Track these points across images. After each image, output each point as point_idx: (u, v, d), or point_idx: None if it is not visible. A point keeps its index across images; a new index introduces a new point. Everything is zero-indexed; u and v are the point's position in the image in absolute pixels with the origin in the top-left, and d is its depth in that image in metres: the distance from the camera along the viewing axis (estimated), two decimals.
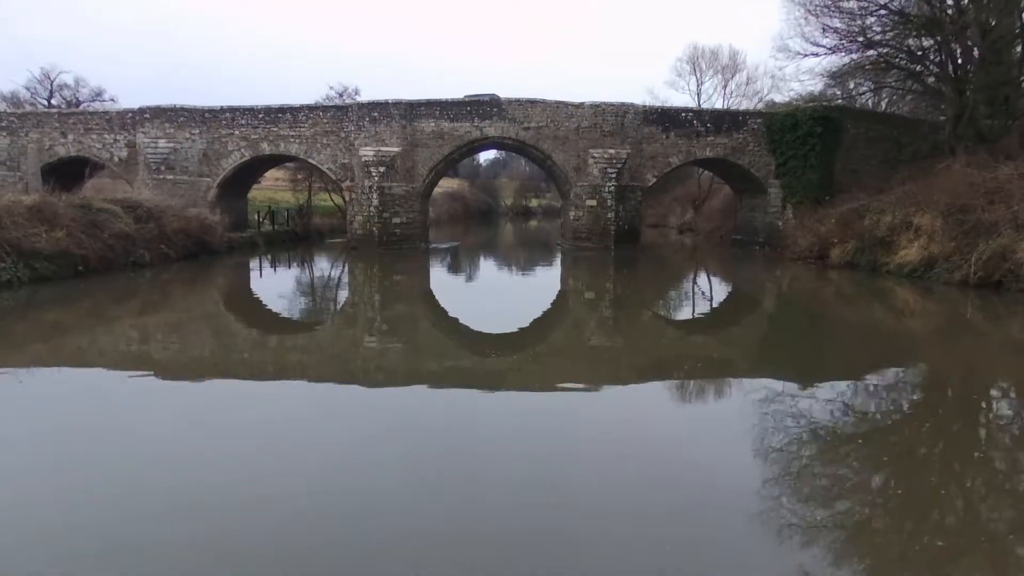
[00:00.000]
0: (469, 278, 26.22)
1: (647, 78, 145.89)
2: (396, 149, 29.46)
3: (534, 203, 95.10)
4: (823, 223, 24.42)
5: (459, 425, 7.96)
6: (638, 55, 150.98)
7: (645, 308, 18.73)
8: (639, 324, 15.92)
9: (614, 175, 29.60)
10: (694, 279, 25.93)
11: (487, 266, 30.92)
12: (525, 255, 36.02)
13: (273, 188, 44.97)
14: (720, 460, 6.93)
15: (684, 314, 18.33)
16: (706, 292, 22.55)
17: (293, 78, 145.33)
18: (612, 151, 29.76)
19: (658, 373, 10.69)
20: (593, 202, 30.07)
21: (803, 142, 28.77)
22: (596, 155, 29.80)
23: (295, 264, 29.04)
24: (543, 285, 23.76)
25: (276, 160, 32.05)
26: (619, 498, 5.88)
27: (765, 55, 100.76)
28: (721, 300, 20.66)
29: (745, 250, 31.95)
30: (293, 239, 35.07)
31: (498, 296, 21.20)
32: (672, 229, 50.70)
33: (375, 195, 29.23)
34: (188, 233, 23.69)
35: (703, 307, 19.03)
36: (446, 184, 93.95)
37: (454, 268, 28.75)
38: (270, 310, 17.19)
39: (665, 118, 30.54)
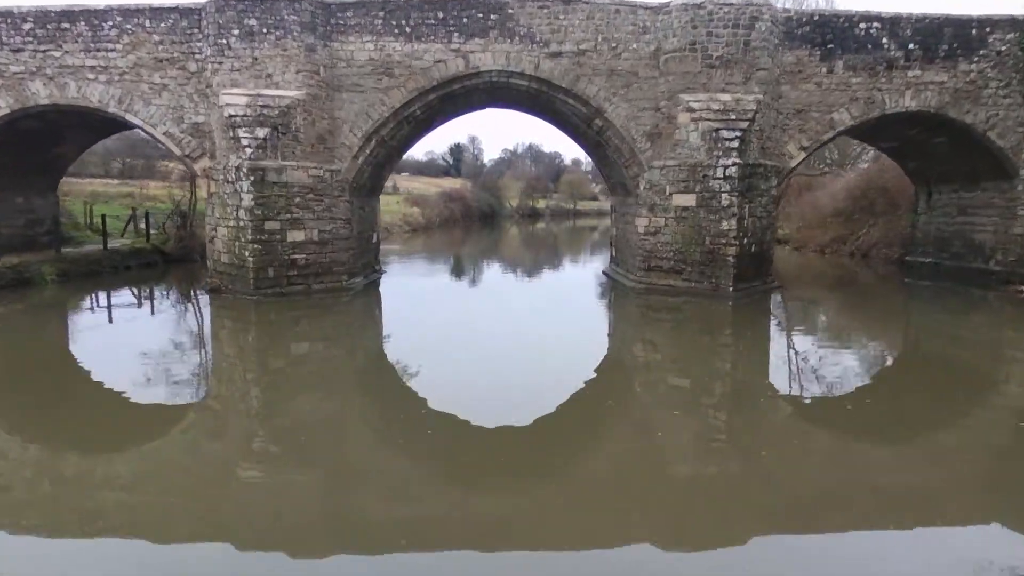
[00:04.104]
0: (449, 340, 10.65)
1: None
2: (294, 94, 13.60)
3: (541, 204, 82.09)
4: None
5: None
6: None
7: (788, 406, 7.84)
8: (771, 432, 7.02)
9: (735, 144, 13.65)
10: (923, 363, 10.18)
11: (478, 312, 14.92)
12: (543, 283, 20.09)
13: None
14: None
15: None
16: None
17: None
18: (727, 97, 13.84)
19: (806, 525, 4.97)
20: (688, 199, 14.10)
21: None
22: (696, 105, 13.87)
23: (112, 316, 13.18)
24: (575, 353, 10.11)
25: (81, 119, 15.93)
26: None
27: None
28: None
29: (946, 284, 16.08)
30: (153, 263, 19.25)
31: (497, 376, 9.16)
32: None
33: (246, 185, 13.32)
34: None
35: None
36: (446, 183, 79.00)
37: (423, 317, 12.97)
38: None
39: (826, 33, 14.62)
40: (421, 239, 39.11)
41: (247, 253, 13.46)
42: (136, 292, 15.98)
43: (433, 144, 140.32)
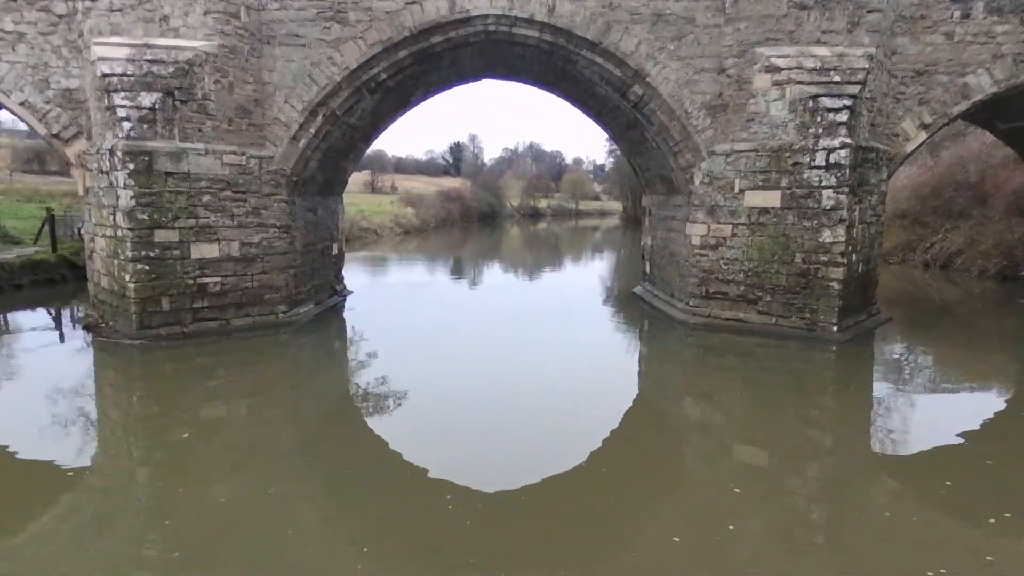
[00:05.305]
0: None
1: None
2: (200, 45, 9.16)
3: (542, 203, 78.87)
4: None
5: None
6: None
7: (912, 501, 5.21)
8: (885, 534, 4.55)
9: (842, 117, 9.18)
10: None
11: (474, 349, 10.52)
12: (552, 301, 15.53)
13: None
14: None
15: None
16: None
17: None
18: (825, 52, 9.41)
19: None
20: (770, 197, 9.65)
21: None
22: (781, 62, 9.43)
23: None
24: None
25: None
26: None
27: None
28: None
29: None
30: (59, 279, 14.83)
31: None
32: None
33: (123, 177, 8.85)
34: None
35: None
36: (445, 182, 74.38)
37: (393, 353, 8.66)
38: None
39: None
40: (414, 242, 34.70)
41: (127, 276, 8.99)
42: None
43: (433, 143, 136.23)
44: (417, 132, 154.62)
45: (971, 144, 20.20)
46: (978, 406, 7.60)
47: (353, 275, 17.64)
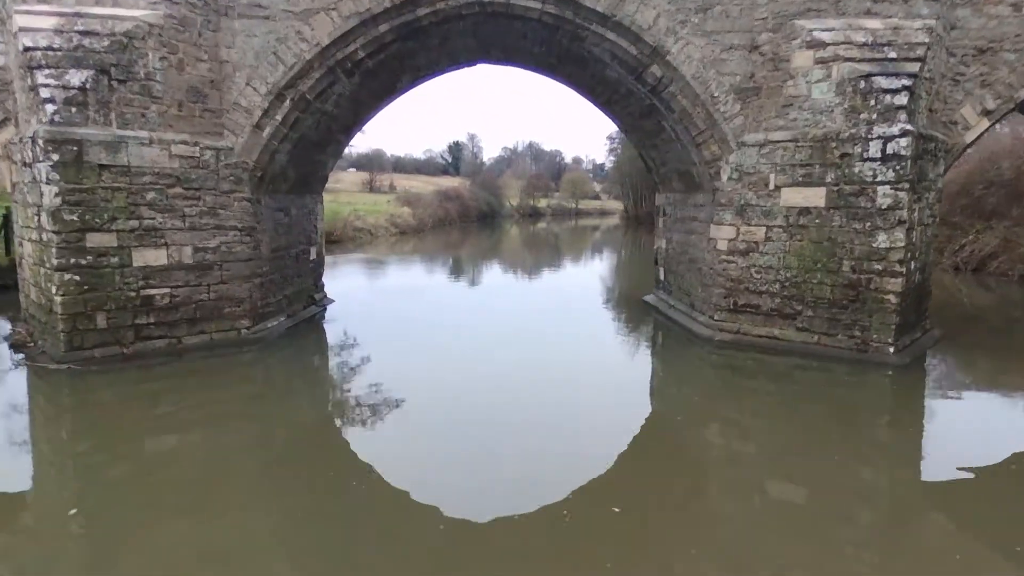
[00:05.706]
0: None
1: None
2: (142, 14, 7.70)
3: (542, 203, 77.63)
4: None
5: None
6: None
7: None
8: None
9: (901, 100, 7.72)
10: None
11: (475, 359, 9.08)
12: (553, 309, 14.03)
13: None
14: None
15: None
16: None
17: None
18: (876, 24, 7.95)
19: None
20: (813, 195, 8.18)
21: None
22: (826, 36, 7.96)
23: None
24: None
25: None
26: None
27: None
28: None
29: None
30: (11, 286, 13.33)
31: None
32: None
33: (46, 169, 7.37)
34: None
35: None
36: (444, 182, 72.87)
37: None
38: None
39: None
40: (411, 243, 33.22)
41: (54, 288, 7.53)
42: None
43: (432, 143, 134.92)
44: (416, 131, 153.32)
45: (1002, 139, 18.81)
46: None
47: (342, 279, 16.25)
